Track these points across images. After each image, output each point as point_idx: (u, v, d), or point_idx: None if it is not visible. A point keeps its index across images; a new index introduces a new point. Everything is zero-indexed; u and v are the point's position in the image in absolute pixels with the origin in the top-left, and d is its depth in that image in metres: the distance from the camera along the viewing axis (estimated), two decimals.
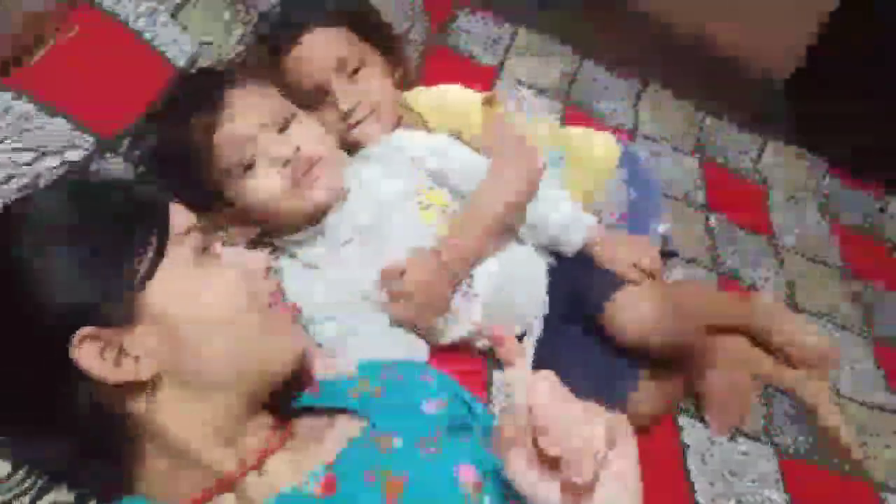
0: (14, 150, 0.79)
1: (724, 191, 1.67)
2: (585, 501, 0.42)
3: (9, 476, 0.59)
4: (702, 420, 1.15)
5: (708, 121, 1.86)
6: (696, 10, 3.10)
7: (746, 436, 1.17)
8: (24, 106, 0.83)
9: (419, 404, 0.64)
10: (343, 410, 0.65)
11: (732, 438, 1.15)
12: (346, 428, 0.62)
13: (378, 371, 0.71)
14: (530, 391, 0.42)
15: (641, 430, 1.06)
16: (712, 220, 1.57)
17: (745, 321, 1.28)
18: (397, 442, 0.58)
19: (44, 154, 0.81)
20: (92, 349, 0.52)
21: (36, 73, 0.88)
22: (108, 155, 0.88)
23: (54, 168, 0.81)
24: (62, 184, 0.73)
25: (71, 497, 0.61)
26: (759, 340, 1.29)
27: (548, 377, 0.44)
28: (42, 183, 0.78)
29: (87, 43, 0.94)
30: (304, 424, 0.66)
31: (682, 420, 1.14)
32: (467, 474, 0.54)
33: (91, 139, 0.87)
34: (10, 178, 0.76)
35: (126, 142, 0.90)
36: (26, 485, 0.60)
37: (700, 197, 1.62)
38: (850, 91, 2.65)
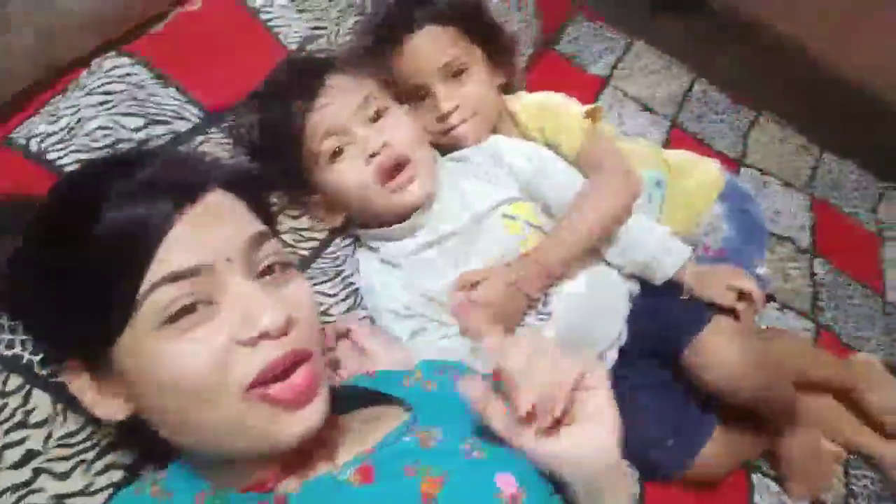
0: (125, 114, 0.82)
1: (835, 235, 1.56)
2: (562, 439, 0.47)
3: (74, 433, 0.62)
4: (777, 481, 1.08)
5: (825, 157, 1.74)
6: (832, 36, 2.90)
7: None
8: (141, 74, 0.87)
9: (468, 404, 0.62)
10: (388, 401, 0.64)
11: None
12: (388, 418, 0.61)
13: (435, 368, 0.70)
14: (501, 356, 0.48)
15: (708, 485, 1.01)
16: (817, 266, 1.46)
17: (839, 382, 1.18)
18: (440, 438, 0.57)
19: (153, 122, 0.85)
20: (82, 377, 0.54)
21: (155, 44, 0.91)
22: (212, 129, 0.90)
23: (161, 136, 0.84)
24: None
25: (129, 459, 0.64)
26: (852, 404, 1.19)
27: (521, 340, 0.49)
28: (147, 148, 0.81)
29: (207, 18, 0.98)
30: (348, 418, 0.63)
31: (756, 478, 1.07)
32: (506, 484, 0.52)
33: (198, 112, 0.90)
34: (118, 142, 0.80)
35: (229, 118, 0.92)
36: (90, 443, 0.62)
37: (806, 239, 1.51)
38: None
